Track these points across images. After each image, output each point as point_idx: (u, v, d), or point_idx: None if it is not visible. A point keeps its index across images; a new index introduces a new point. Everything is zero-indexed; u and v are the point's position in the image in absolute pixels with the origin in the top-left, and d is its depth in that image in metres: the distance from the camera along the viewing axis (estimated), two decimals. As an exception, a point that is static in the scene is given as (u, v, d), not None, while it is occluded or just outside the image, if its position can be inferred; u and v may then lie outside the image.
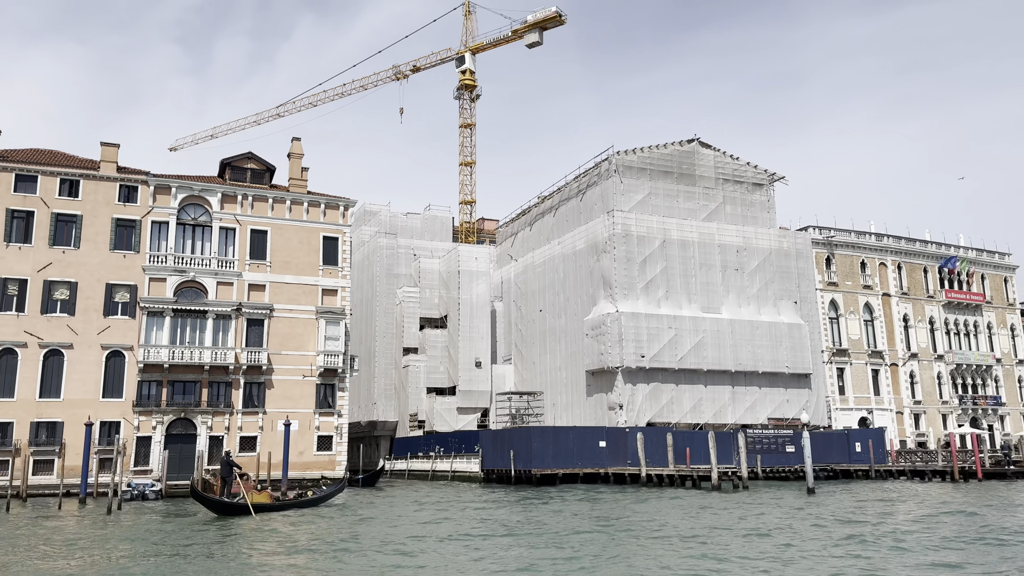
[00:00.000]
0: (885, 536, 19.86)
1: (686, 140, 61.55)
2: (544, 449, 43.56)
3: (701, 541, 19.19)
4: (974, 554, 16.97)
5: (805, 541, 19.10)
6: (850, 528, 21.63)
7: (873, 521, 23.37)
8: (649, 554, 17.35)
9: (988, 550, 17.51)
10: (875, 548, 17.86)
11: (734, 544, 18.69)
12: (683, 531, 21.25)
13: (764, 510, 27.16)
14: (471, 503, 32.87)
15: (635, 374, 53.51)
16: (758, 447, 49.37)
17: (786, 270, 60.46)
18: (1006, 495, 33.40)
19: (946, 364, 67.00)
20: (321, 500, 31.89)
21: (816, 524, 22.73)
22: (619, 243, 55.12)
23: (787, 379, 58.16)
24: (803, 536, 20.08)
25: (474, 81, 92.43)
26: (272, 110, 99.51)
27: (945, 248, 70.04)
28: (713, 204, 61.69)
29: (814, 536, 20.05)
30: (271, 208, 48.83)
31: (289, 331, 47.71)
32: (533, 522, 24.50)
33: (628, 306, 54.20)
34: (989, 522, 22.72)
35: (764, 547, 18.16)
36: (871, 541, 18.96)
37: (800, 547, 18.10)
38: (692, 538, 19.76)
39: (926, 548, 17.80)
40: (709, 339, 55.85)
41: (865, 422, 61.56)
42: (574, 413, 58.08)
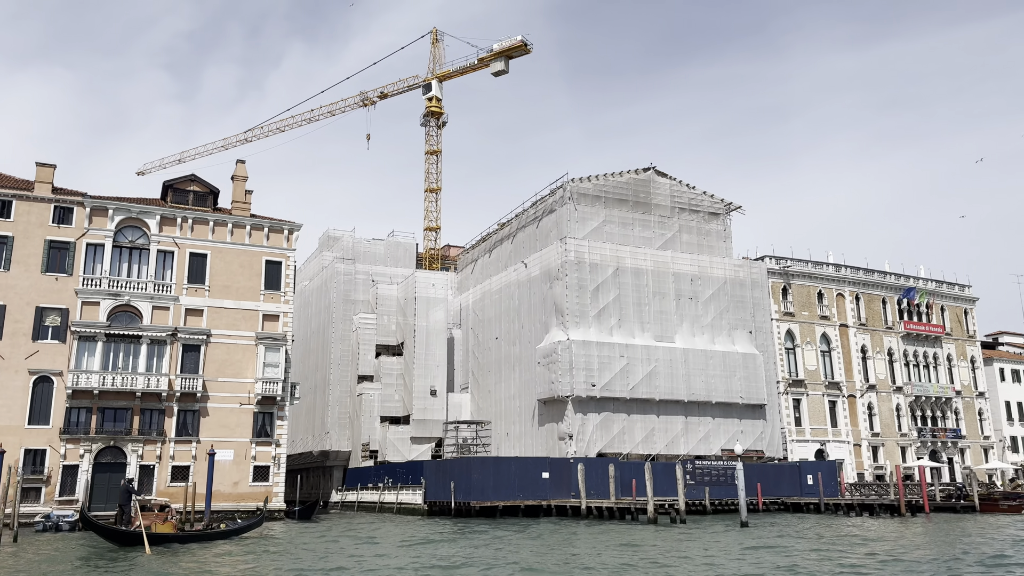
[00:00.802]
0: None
1: (642, 168, 61.49)
2: (484, 480, 42.39)
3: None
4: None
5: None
6: (736, 567, 20.69)
7: (758, 560, 22.47)
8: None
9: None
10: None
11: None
12: (553, 566, 20.30)
13: (678, 545, 26.21)
14: (394, 537, 31.68)
15: (586, 403, 52.61)
16: (706, 479, 48.43)
17: (741, 300, 60.10)
18: (940, 532, 32.63)
19: (905, 396, 66.60)
20: (233, 533, 30.57)
21: (707, 562, 21.82)
22: (571, 270, 54.56)
23: (741, 410, 57.47)
24: (674, 571, 19.21)
25: (441, 108, 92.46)
26: (240, 135, 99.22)
27: (904, 279, 70.07)
28: (669, 232, 61.46)
29: (689, 572, 19.17)
30: (212, 231, 47.92)
31: (227, 357, 46.51)
32: (437, 557, 23.46)
33: (580, 334, 53.48)
34: (874, 559, 21.93)
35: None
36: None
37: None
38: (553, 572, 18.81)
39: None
40: (662, 368, 55.16)
41: (822, 454, 60.83)
42: (526, 443, 56.98)
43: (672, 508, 37.05)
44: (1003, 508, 44.39)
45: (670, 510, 37.03)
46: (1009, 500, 45.27)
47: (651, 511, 35.71)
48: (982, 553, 23.26)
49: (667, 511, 37.11)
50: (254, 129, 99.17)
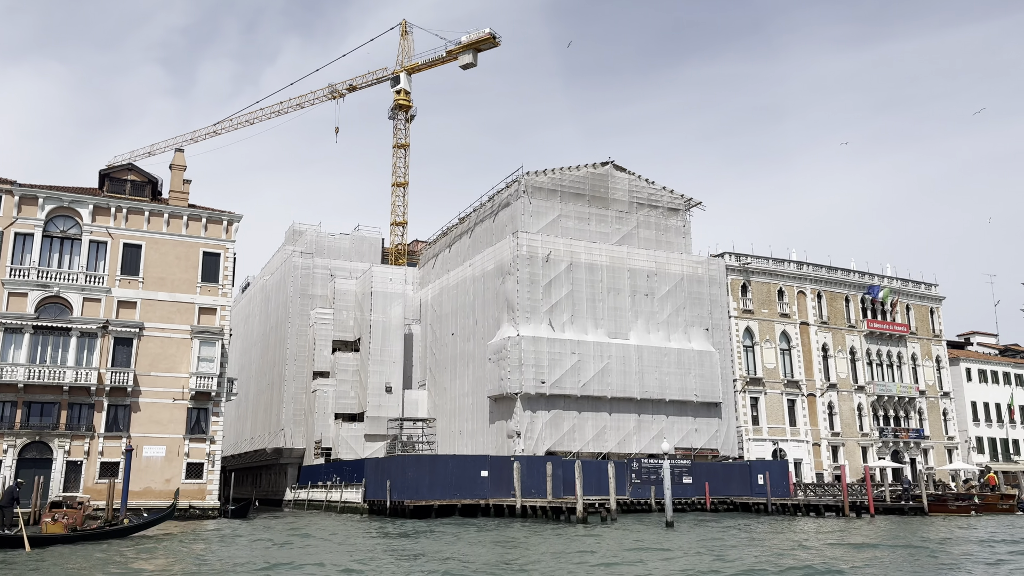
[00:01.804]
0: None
1: (600, 163, 60.47)
2: (419, 479, 41.30)
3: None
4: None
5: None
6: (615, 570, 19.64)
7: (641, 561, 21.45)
8: None
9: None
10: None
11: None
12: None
13: (570, 544, 25.17)
14: (313, 537, 30.59)
15: (535, 400, 51.56)
16: (653, 478, 47.49)
17: (698, 296, 59.15)
18: (868, 533, 31.70)
19: (867, 395, 65.81)
20: (130, 531, 29.38)
21: (599, 562, 20.79)
22: (523, 265, 53.49)
23: (696, 408, 56.52)
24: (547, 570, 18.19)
25: (409, 101, 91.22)
26: (209, 127, 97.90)
27: (869, 277, 69.26)
28: (626, 228, 60.47)
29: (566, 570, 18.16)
30: (147, 221, 46.63)
31: (160, 351, 45.24)
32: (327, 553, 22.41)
33: (530, 330, 52.41)
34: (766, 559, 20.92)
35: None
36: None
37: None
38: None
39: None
40: (615, 365, 54.16)
41: (779, 454, 59.97)
42: (478, 441, 55.90)
43: (603, 507, 35.99)
44: (952, 509, 43.58)
45: (600, 509, 35.97)
46: (958, 501, 44.45)
47: (580, 511, 34.67)
48: (873, 556, 22.30)
49: (597, 510, 36.04)
50: (223, 122, 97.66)
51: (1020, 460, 78.71)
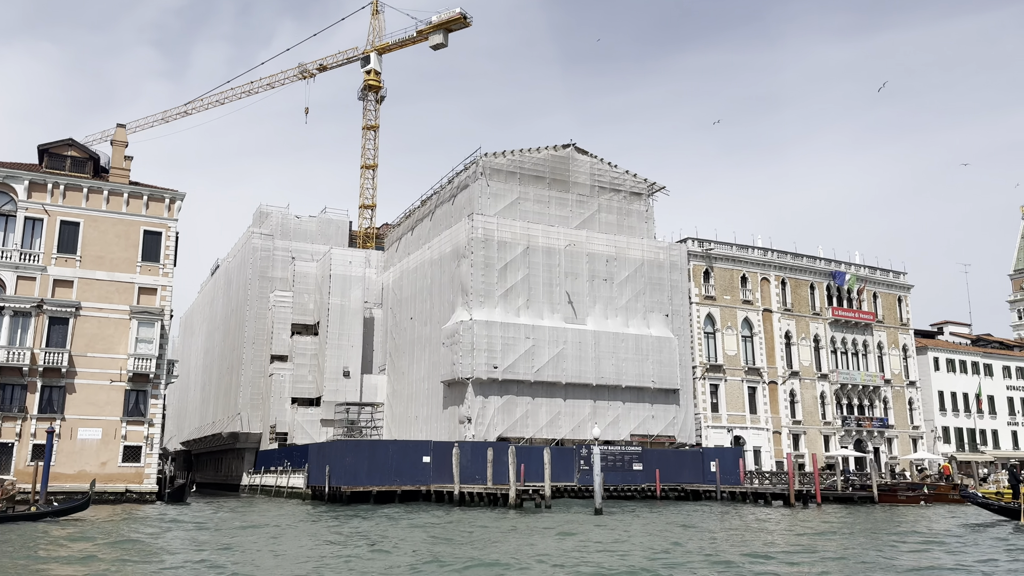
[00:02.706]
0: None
1: (561, 145, 59.39)
2: (358, 465, 40.42)
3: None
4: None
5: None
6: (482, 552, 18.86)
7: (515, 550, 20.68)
8: None
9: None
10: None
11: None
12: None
13: (483, 533, 24.38)
14: (229, 527, 29.69)
15: (487, 386, 50.70)
16: (603, 464, 46.64)
17: (659, 282, 58.30)
18: (799, 522, 31.02)
19: (830, 383, 65.25)
20: (41, 516, 28.42)
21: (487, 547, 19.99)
22: (478, 248, 52.46)
23: (654, 394, 55.79)
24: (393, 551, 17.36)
25: (379, 82, 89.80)
26: (180, 107, 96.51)
27: (835, 265, 68.52)
28: (587, 212, 59.49)
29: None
30: (86, 198, 45.33)
31: (98, 332, 44.07)
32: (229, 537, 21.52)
33: (484, 314, 51.47)
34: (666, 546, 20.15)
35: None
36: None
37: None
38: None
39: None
40: (570, 351, 53.31)
41: (739, 441, 59.40)
42: (432, 427, 55.07)
43: (537, 494, 35.21)
44: (901, 499, 43.06)
45: (534, 496, 35.19)
46: (907, 492, 43.94)
47: (512, 497, 33.90)
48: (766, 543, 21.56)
49: (532, 497, 35.24)
50: (194, 102, 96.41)
51: (987, 450, 78.48)
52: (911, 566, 17.82)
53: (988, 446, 78.88)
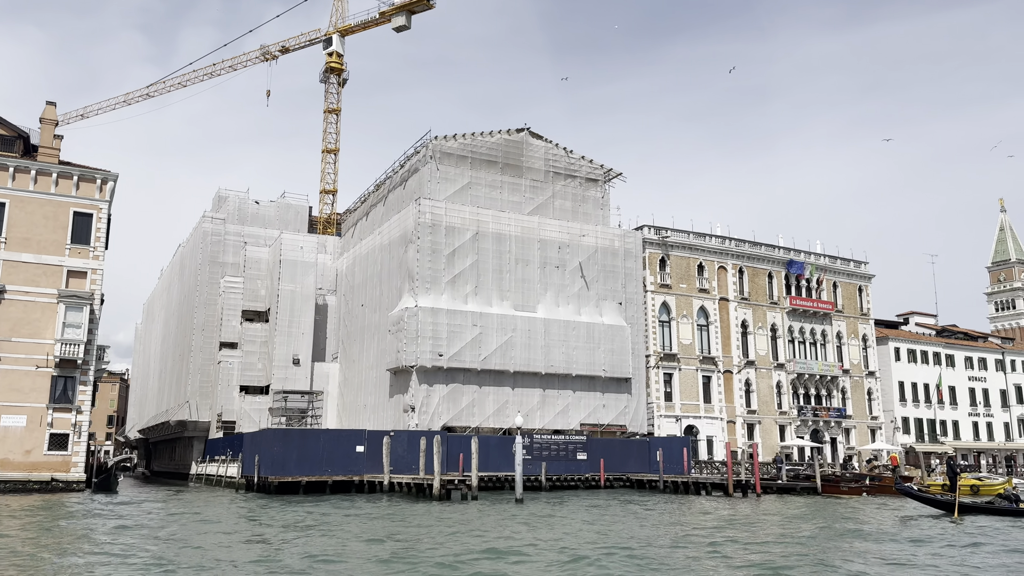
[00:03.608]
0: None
1: (515, 129, 58.23)
2: (287, 454, 39.34)
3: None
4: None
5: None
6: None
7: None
8: None
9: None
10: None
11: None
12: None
13: (394, 526, 23.45)
14: (130, 520, 28.58)
15: (432, 374, 49.70)
16: (545, 454, 45.99)
17: (612, 270, 57.42)
18: (720, 513, 30.31)
19: (787, 373, 64.78)
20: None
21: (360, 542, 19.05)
22: (425, 233, 51.31)
23: (605, 383, 55.03)
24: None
25: (341, 64, 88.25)
26: (142, 90, 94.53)
27: (794, 254, 67.97)
28: (541, 198, 58.45)
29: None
30: (12, 178, 43.70)
31: (23, 316, 42.60)
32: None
33: (430, 301, 50.41)
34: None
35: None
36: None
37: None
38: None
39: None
40: (519, 339, 52.39)
41: (691, 430, 58.84)
42: (380, 416, 54.06)
43: (463, 484, 34.32)
44: (843, 490, 42.56)
45: (460, 486, 34.29)
46: (849, 483, 43.46)
47: (436, 487, 33.00)
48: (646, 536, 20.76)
49: (457, 487, 34.33)
50: (156, 84, 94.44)
51: (947, 441, 78.56)
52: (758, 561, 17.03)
53: (949, 437, 78.97)
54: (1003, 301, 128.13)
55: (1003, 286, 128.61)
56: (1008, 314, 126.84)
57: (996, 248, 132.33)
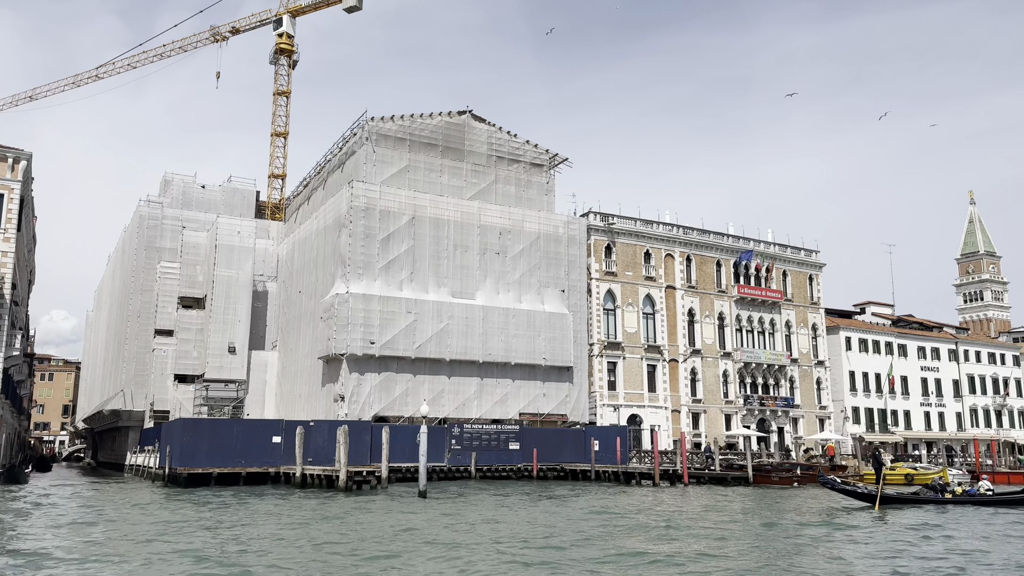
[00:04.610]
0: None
1: (456, 111, 56.75)
2: (197, 445, 37.81)
3: None
4: None
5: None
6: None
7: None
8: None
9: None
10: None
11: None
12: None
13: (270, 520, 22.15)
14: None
15: (364, 362, 48.31)
16: (475, 444, 44.89)
17: (556, 256, 56.28)
18: (636, 503, 29.37)
19: (734, 362, 64.18)
20: None
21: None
22: (358, 217, 49.78)
23: (546, 372, 53.99)
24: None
25: (292, 46, 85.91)
26: (91, 71, 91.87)
27: (744, 242, 67.28)
28: (484, 182, 57.09)
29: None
30: (-88, 156, 41.54)
31: (-77, 300, 40.57)
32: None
33: (362, 287, 48.95)
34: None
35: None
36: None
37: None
38: None
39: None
40: (456, 326, 51.13)
41: (635, 419, 58.04)
42: (313, 405, 52.61)
43: (373, 476, 33.07)
44: (775, 480, 41.92)
45: (370, 477, 33.04)
46: (781, 473, 42.84)
47: (343, 479, 31.72)
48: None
49: (365, 478, 33.06)
50: (105, 66, 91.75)
51: (898, 431, 78.65)
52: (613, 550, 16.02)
53: (900, 427, 79.04)
54: (971, 293, 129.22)
55: (971, 278, 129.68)
56: (976, 305, 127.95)
57: (965, 240, 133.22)
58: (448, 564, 14.86)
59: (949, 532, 21.44)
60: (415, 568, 14.45)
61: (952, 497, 31.53)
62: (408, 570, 14.29)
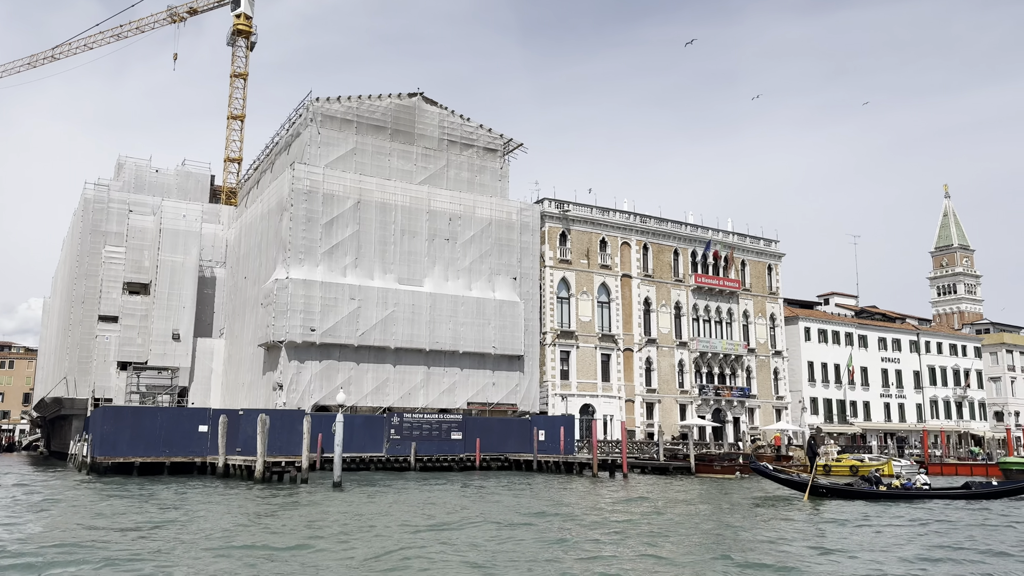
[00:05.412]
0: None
1: (407, 94, 55.42)
2: (119, 434, 36.50)
3: None
4: None
5: None
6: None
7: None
8: None
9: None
10: None
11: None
12: None
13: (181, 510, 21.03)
14: None
15: (304, 350, 47.09)
16: (415, 434, 43.87)
17: (508, 243, 55.26)
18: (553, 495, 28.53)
19: (690, 352, 63.60)
20: None
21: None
22: (299, 201, 48.42)
23: (496, 361, 53.06)
24: None
25: (250, 27, 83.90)
26: (47, 52, 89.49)
27: (702, 231, 66.63)
28: (435, 167, 55.87)
29: None
30: None
31: None
32: None
33: (303, 272, 47.67)
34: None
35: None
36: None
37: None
38: None
39: None
40: (402, 313, 50.01)
41: (588, 409, 57.32)
42: (254, 394, 51.33)
43: (293, 466, 31.96)
44: (717, 470, 41.35)
45: (289, 468, 31.92)
46: (723, 462, 42.28)
47: (259, 470, 30.60)
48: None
49: (284, 468, 31.94)
50: (61, 46, 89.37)
51: (857, 421, 78.70)
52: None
53: (859, 417, 79.08)
54: (945, 286, 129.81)
55: (945, 271, 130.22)
56: (949, 299, 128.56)
57: (939, 234, 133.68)
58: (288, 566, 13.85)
59: (851, 525, 20.76)
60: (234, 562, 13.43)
61: (887, 490, 31.02)
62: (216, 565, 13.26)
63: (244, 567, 13.15)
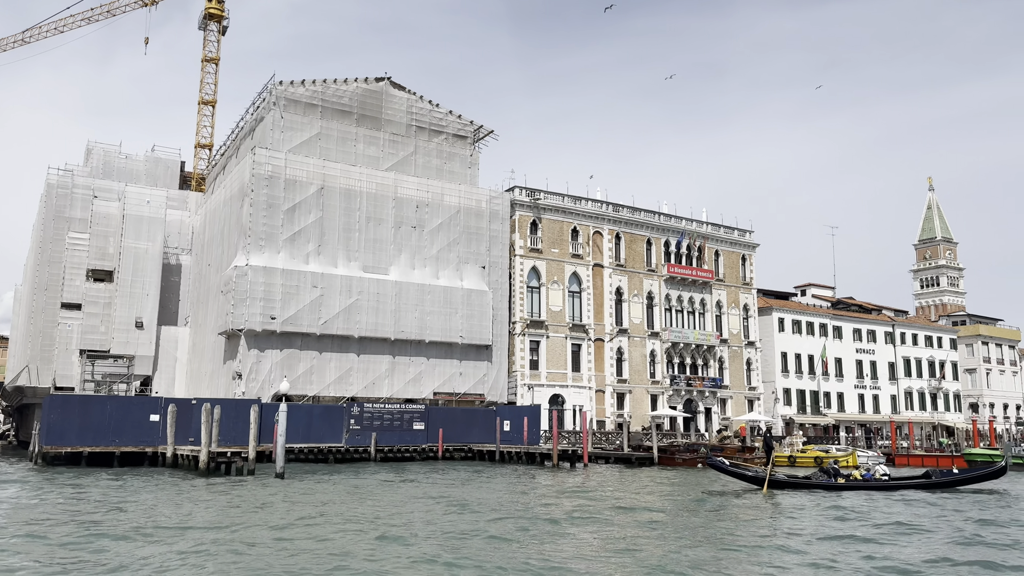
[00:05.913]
0: None
1: (374, 78, 54.45)
2: (67, 423, 35.64)
3: None
4: None
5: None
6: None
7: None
8: None
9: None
10: None
11: None
12: None
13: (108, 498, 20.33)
14: None
15: (264, 339, 46.29)
16: (376, 424, 43.23)
17: (476, 232, 54.55)
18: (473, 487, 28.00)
19: (662, 342, 63.22)
20: None
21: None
22: (260, 186, 47.49)
23: (463, 350, 52.45)
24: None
25: (222, 11, 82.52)
26: (18, 35, 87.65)
27: (675, 220, 66.13)
28: (403, 153, 54.99)
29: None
30: None
31: None
32: None
33: (264, 259, 46.81)
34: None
35: None
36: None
37: None
38: None
39: None
40: (366, 302, 49.26)
41: (558, 399, 56.86)
42: (216, 383, 50.47)
43: (240, 457, 31.27)
44: (679, 461, 40.99)
45: (235, 458, 31.22)
46: (685, 454, 41.94)
47: (204, 461, 29.90)
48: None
49: (228, 458, 31.23)
50: (31, 30, 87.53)
51: (830, 412, 78.72)
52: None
53: (832, 409, 79.10)
54: (928, 278, 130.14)
55: (928, 263, 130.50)
56: (932, 291, 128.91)
57: (923, 226, 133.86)
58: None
59: (799, 515, 20.35)
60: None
61: (846, 482, 30.72)
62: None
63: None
